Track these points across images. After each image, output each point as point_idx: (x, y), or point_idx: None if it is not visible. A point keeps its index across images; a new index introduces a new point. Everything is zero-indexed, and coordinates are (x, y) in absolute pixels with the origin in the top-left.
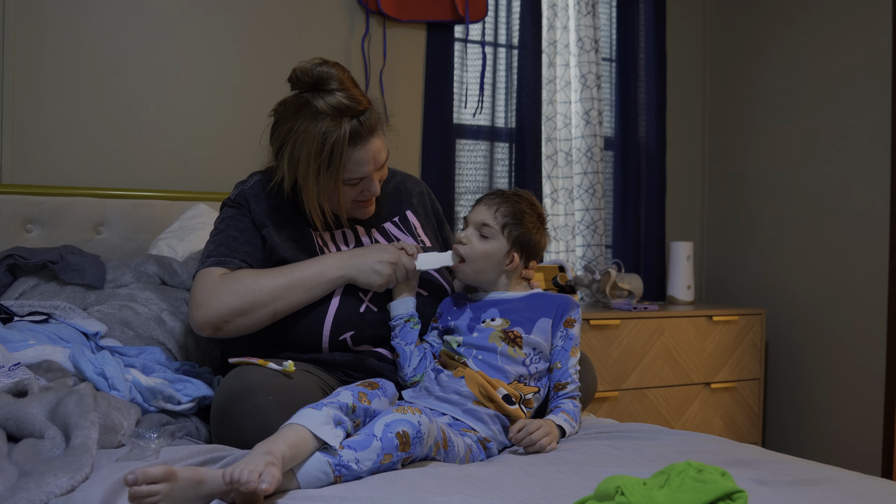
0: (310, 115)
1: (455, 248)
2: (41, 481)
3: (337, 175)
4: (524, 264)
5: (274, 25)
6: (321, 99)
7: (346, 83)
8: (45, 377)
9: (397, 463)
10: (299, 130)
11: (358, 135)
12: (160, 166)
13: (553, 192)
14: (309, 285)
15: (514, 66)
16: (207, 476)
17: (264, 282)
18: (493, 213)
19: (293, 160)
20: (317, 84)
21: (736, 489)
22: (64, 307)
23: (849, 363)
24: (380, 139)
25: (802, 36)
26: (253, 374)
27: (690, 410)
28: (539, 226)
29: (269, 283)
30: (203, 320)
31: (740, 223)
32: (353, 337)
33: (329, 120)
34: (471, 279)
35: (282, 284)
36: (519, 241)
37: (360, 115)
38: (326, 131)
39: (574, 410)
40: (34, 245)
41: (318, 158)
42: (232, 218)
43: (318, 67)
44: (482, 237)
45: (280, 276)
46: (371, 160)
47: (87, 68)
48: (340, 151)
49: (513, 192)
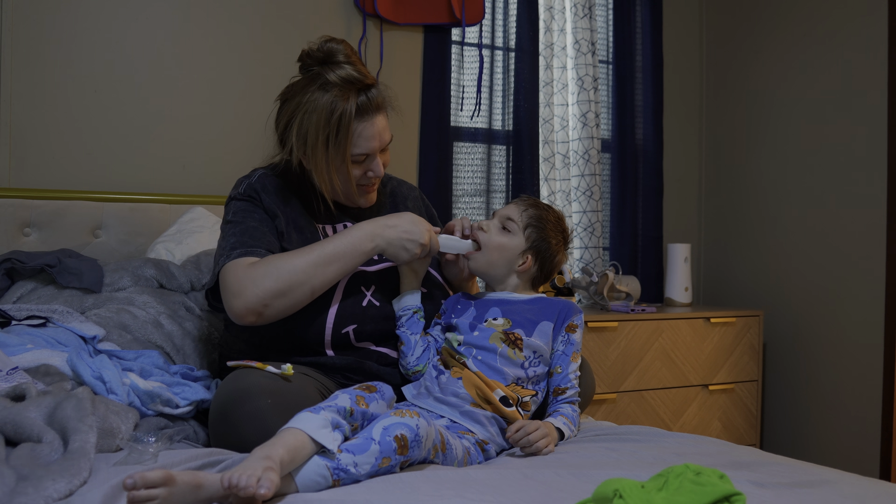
0: (319, 87)
1: (474, 234)
2: (39, 486)
3: (344, 148)
4: (537, 271)
5: (271, 29)
6: (332, 71)
7: (352, 58)
8: (43, 381)
9: (395, 466)
10: (308, 101)
11: (365, 108)
12: (158, 170)
13: (550, 194)
14: (344, 258)
15: (511, 68)
16: (206, 480)
17: (297, 261)
18: (521, 212)
19: (301, 132)
20: (326, 58)
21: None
22: (62, 311)
23: (847, 365)
24: (385, 119)
25: (799, 37)
26: (251, 377)
27: (688, 412)
28: (560, 240)
29: (303, 261)
30: (243, 308)
31: (737, 225)
32: (355, 331)
33: (338, 90)
34: (482, 269)
35: (315, 261)
36: (536, 245)
37: (368, 89)
38: (334, 101)
39: (573, 415)
40: (32, 249)
41: (327, 127)
42: (246, 210)
43: (328, 43)
44: (503, 230)
45: (312, 253)
46: (377, 136)
47: (84, 72)
48: (348, 122)
49: (547, 204)
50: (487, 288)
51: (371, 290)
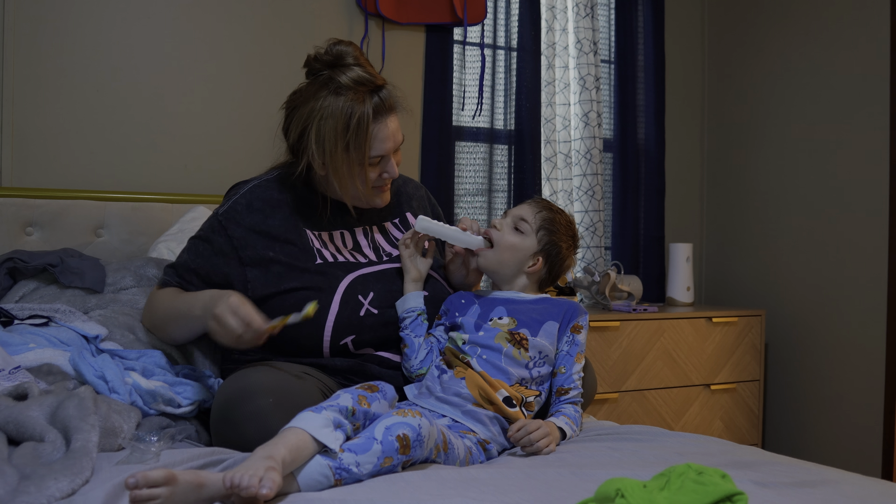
0: (332, 92)
1: (486, 232)
2: (41, 485)
3: (363, 151)
4: (546, 273)
5: (273, 28)
6: (343, 74)
7: (361, 59)
8: (46, 380)
9: (397, 466)
10: (323, 106)
11: (380, 110)
12: (160, 169)
13: (552, 194)
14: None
15: (513, 68)
16: (208, 480)
17: (160, 309)
18: (535, 214)
19: (319, 139)
20: (336, 61)
21: (736, 491)
22: (64, 310)
23: (849, 364)
24: (397, 119)
25: (801, 37)
26: (253, 377)
27: (690, 412)
28: (570, 245)
29: (163, 310)
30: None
31: (739, 224)
32: (353, 341)
33: (352, 93)
34: (492, 267)
35: (168, 314)
36: (548, 248)
37: (380, 90)
38: (352, 104)
39: (575, 415)
40: (34, 248)
41: (346, 132)
42: (208, 240)
43: (336, 46)
44: (516, 230)
45: (169, 307)
46: (391, 137)
47: (86, 71)
48: (367, 125)
49: (559, 208)
50: (493, 287)
51: (369, 297)
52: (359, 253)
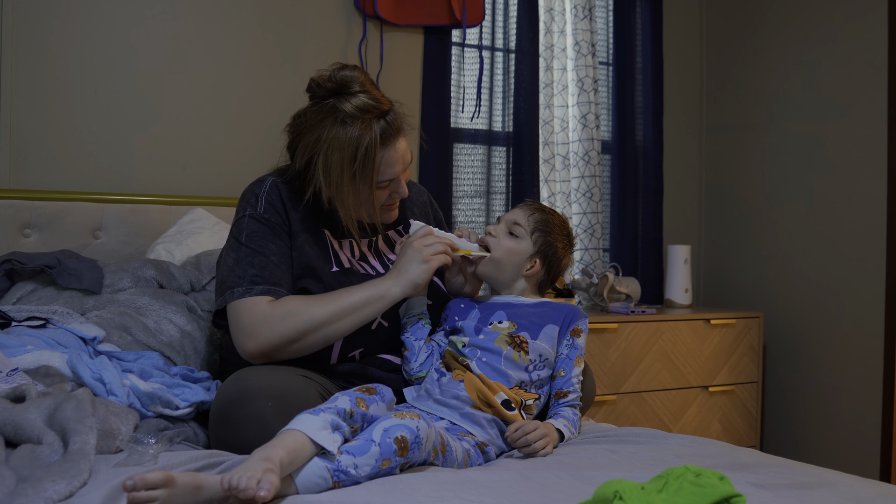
0: (338, 121)
1: (483, 239)
2: (39, 487)
3: (371, 179)
4: (544, 274)
5: (271, 30)
6: (347, 102)
7: (367, 85)
8: (43, 382)
9: (396, 468)
10: (329, 137)
11: (387, 135)
12: (158, 171)
13: (550, 195)
14: (366, 308)
15: (512, 70)
16: (206, 482)
17: (316, 310)
18: (527, 217)
19: (326, 169)
20: (340, 88)
21: (734, 493)
22: (62, 312)
23: (847, 366)
24: (405, 140)
25: (799, 39)
26: (252, 379)
27: (688, 414)
28: (566, 244)
29: (321, 311)
30: (255, 350)
31: (737, 226)
32: (362, 352)
33: (359, 123)
34: (490, 274)
35: (335, 311)
36: (544, 249)
37: (386, 114)
38: (359, 136)
39: (573, 418)
40: (32, 250)
41: (353, 164)
42: (265, 237)
43: (341, 72)
44: (511, 235)
45: (332, 303)
46: (400, 160)
47: (84, 73)
48: (374, 154)
49: (551, 208)
50: (493, 292)
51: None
52: (365, 263)
